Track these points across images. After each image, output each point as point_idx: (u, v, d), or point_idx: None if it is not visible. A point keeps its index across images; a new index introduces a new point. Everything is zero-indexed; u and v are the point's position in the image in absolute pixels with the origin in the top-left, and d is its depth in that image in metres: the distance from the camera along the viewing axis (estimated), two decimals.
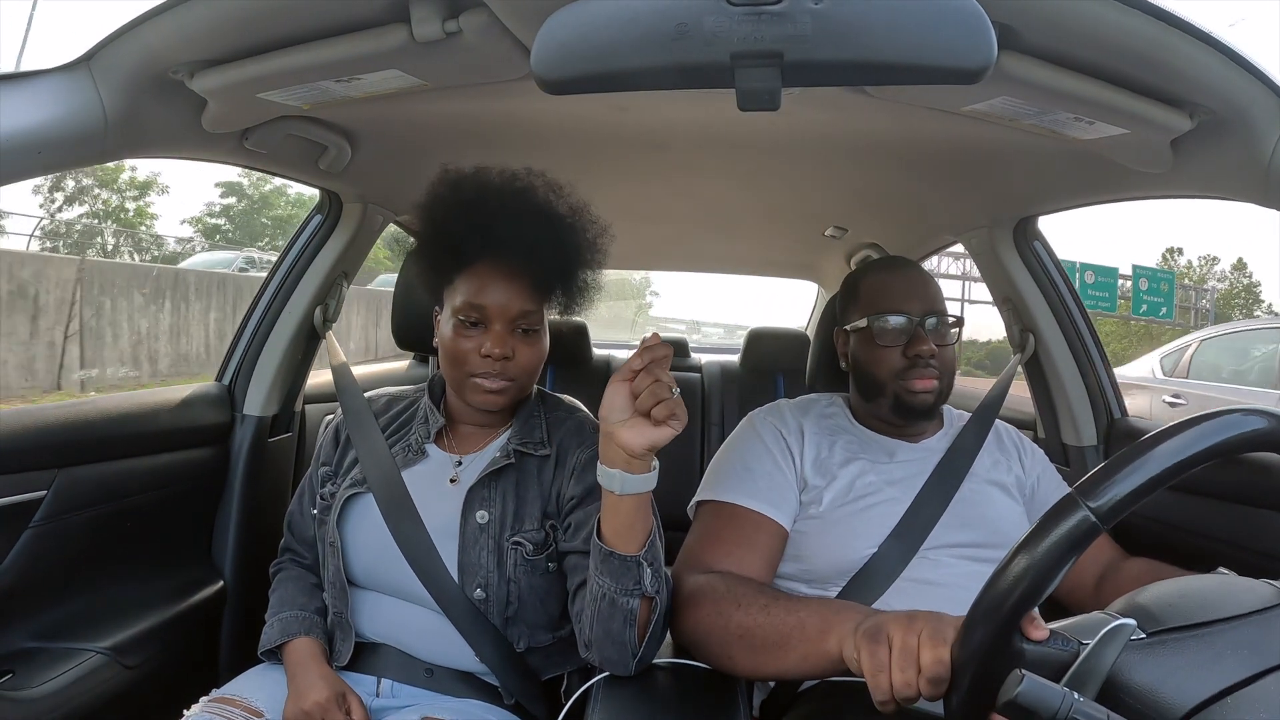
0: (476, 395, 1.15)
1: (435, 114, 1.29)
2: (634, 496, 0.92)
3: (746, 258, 2.96)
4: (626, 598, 0.96)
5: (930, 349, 1.24)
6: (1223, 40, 0.81)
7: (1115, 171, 1.17)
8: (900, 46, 0.63)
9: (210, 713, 1.06)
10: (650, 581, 0.96)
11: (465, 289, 1.14)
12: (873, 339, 1.27)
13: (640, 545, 0.95)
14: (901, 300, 1.27)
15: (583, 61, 0.65)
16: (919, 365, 1.24)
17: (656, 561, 0.98)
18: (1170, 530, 1.40)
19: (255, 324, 1.72)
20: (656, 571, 0.97)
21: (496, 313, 1.12)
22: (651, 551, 0.96)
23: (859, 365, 1.31)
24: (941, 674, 0.72)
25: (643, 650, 1.00)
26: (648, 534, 0.95)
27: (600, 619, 0.99)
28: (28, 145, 0.87)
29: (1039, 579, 0.63)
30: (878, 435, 1.31)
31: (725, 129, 1.36)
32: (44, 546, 1.25)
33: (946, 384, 1.27)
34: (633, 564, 0.95)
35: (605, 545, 0.96)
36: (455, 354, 1.14)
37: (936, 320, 1.27)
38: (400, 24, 0.88)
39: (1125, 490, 0.63)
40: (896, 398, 1.25)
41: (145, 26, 0.89)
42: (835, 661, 0.87)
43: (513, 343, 1.13)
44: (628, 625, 0.97)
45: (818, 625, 0.91)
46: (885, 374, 1.26)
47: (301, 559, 1.31)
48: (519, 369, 1.15)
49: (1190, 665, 0.61)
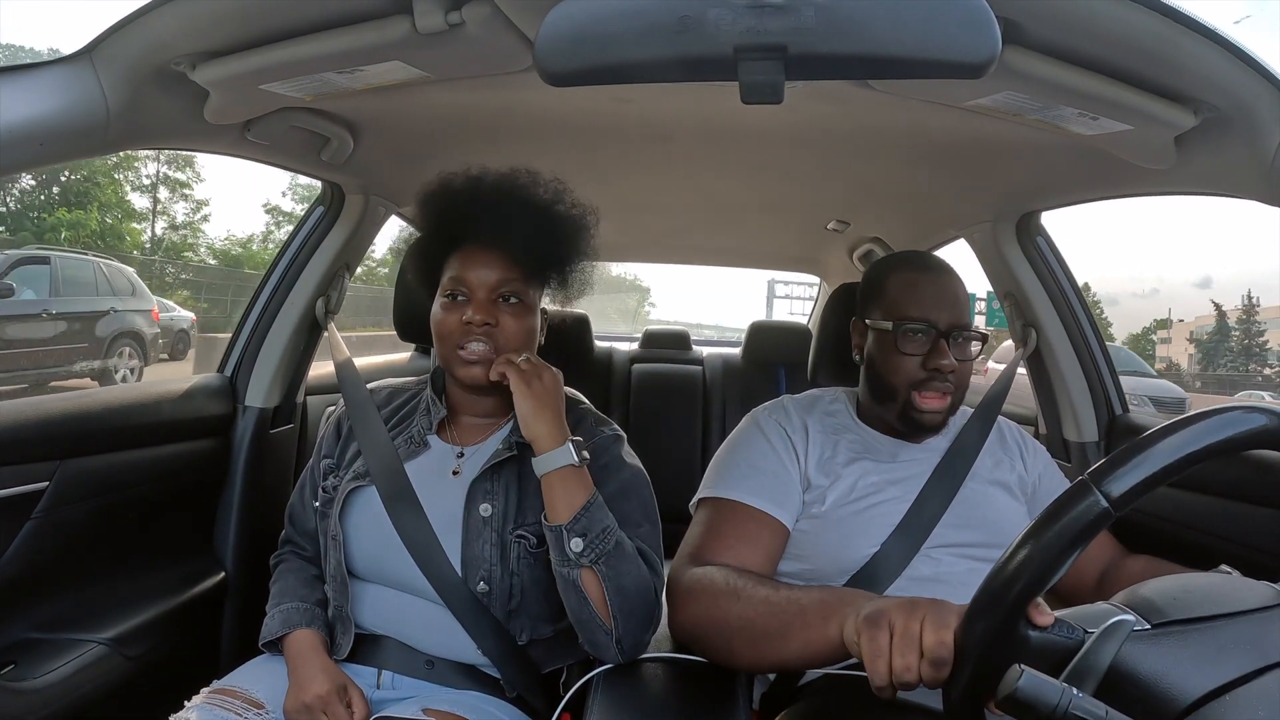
0: (461, 368, 1.15)
1: (438, 106, 1.29)
2: (555, 471, 1.06)
3: (749, 251, 2.96)
4: (566, 569, 1.04)
5: (951, 364, 1.20)
6: (1228, 37, 0.81)
7: (1119, 167, 1.17)
8: (904, 40, 0.63)
9: (211, 704, 1.07)
10: (577, 549, 1.03)
11: (451, 269, 1.17)
12: (894, 345, 1.23)
13: (566, 518, 1.04)
14: (930, 308, 1.22)
15: (586, 54, 0.65)
16: (936, 379, 1.21)
17: (591, 533, 1.04)
18: (1171, 528, 1.40)
19: (257, 315, 1.72)
20: (591, 543, 1.04)
21: (477, 283, 1.15)
22: (583, 524, 1.04)
23: (874, 366, 1.28)
24: (944, 656, 0.72)
25: (619, 631, 1.03)
26: (574, 509, 1.04)
27: (562, 595, 1.07)
28: (30, 137, 0.87)
29: (1047, 564, 0.63)
30: (881, 435, 1.30)
31: (728, 122, 1.36)
32: (45, 538, 1.26)
33: (958, 399, 1.25)
34: (558, 532, 1.04)
35: (543, 520, 1.07)
36: (441, 329, 1.16)
37: (961, 335, 1.23)
38: (403, 15, 0.88)
39: (1138, 478, 0.63)
40: (907, 406, 1.23)
41: (147, 18, 0.88)
42: (837, 647, 0.87)
43: (495, 312, 1.15)
44: (582, 601, 1.04)
45: (819, 611, 0.91)
46: (900, 382, 1.23)
47: (302, 551, 1.31)
48: (505, 338, 1.15)
49: (1194, 658, 0.61)
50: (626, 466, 1.18)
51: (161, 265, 22.08)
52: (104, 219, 22.97)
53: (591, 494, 1.07)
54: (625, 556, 1.06)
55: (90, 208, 22.48)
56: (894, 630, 0.77)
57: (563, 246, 1.20)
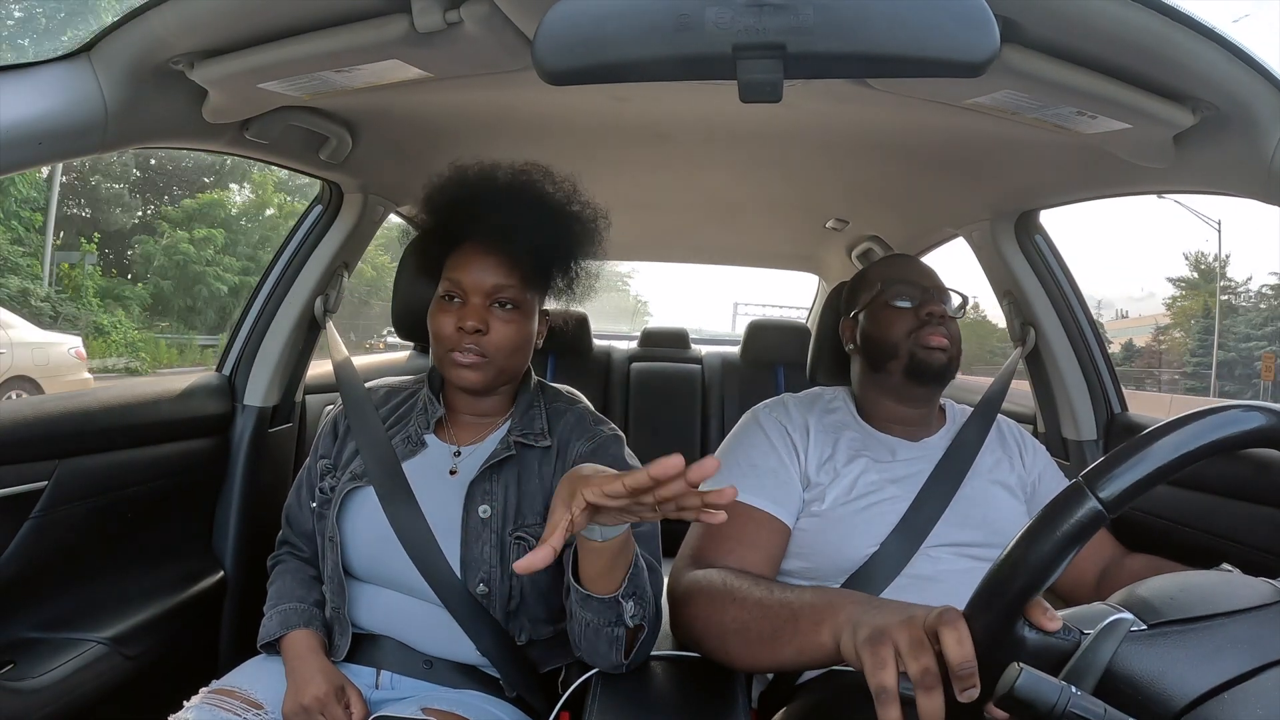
0: (453, 371, 1.15)
1: (436, 105, 1.29)
2: (616, 539, 0.89)
3: (747, 249, 2.96)
4: (611, 628, 0.96)
5: (942, 310, 1.27)
6: (1226, 36, 0.81)
7: (1117, 166, 1.17)
8: (903, 39, 0.63)
9: (210, 704, 1.07)
10: (633, 613, 0.95)
11: (450, 268, 1.16)
12: (886, 304, 1.30)
13: (619, 584, 0.93)
14: (912, 275, 1.32)
15: (584, 52, 0.65)
16: (932, 323, 1.26)
17: (640, 590, 0.96)
18: (1170, 527, 1.40)
19: (256, 314, 1.72)
20: (640, 599, 0.96)
21: (472, 287, 1.14)
22: (634, 584, 0.94)
23: (870, 337, 1.32)
24: (970, 668, 0.66)
25: (633, 658, 1.01)
26: (627, 569, 0.93)
27: (585, 638, 0.99)
28: (29, 136, 0.87)
29: (1043, 567, 0.63)
30: (880, 433, 1.30)
31: (727, 120, 1.36)
32: (44, 537, 1.26)
33: (956, 351, 1.28)
34: (612, 603, 0.94)
35: (583, 589, 0.94)
36: (435, 331, 1.16)
37: (943, 297, 1.31)
38: (401, 14, 0.88)
39: (1132, 480, 0.63)
40: (911, 357, 1.25)
41: (146, 17, 0.88)
42: (831, 654, 0.85)
43: (487, 317, 1.14)
44: (614, 648, 0.98)
45: (810, 616, 0.89)
46: (899, 334, 1.27)
47: (300, 552, 1.30)
48: (494, 346, 1.14)
49: (1191, 658, 0.61)
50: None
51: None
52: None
53: (635, 548, 0.96)
54: (652, 597, 1.00)
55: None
56: (899, 646, 0.72)
57: (571, 249, 1.19)
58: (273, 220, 24.06)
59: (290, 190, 24.61)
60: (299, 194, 23.86)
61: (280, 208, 24.36)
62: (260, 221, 24.22)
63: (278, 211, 24.31)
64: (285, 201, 24.44)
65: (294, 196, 24.13)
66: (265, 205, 24.68)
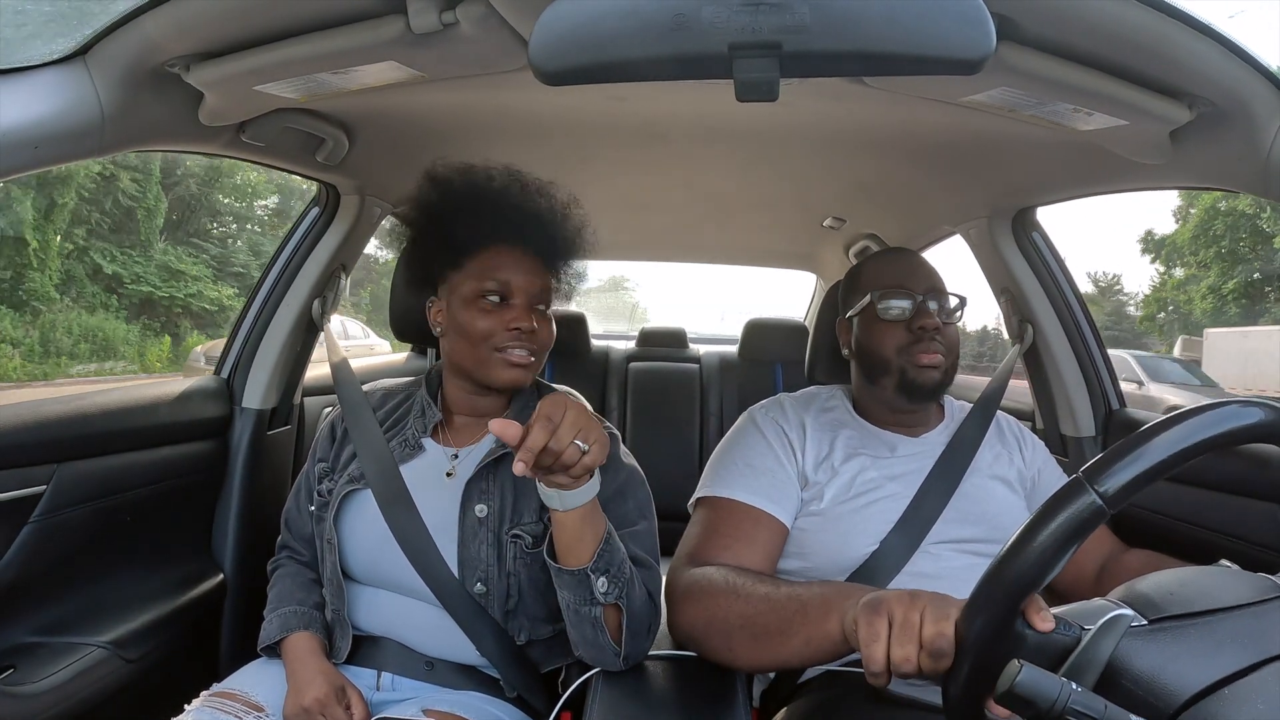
0: (504, 371, 1.15)
1: (432, 106, 1.28)
2: (578, 509, 0.94)
3: (745, 248, 2.96)
4: (587, 607, 0.99)
5: (935, 323, 1.24)
6: (1222, 32, 0.81)
7: (1114, 162, 1.17)
8: (899, 37, 0.63)
9: (211, 707, 1.07)
10: (605, 589, 0.98)
11: (480, 270, 1.16)
12: (877, 317, 1.27)
13: (589, 557, 0.97)
14: (905, 278, 1.28)
15: (580, 52, 0.65)
16: (924, 339, 1.24)
17: (613, 567, 0.99)
18: (1169, 522, 1.41)
19: (254, 317, 1.71)
20: (614, 577, 0.99)
21: (520, 287, 1.15)
22: (605, 559, 0.98)
23: (863, 348, 1.31)
24: (944, 648, 0.71)
25: (626, 649, 1.02)
26: (597, 543, 0.98)
27: (572, 625, 1.03)
28: (24, 140, 0.86)
29: (1044, 562, 0.64)
30: (879, 429, 1.30)
31: (723, 119, 1.36)
32: (44, 541, 1.25)
33: (951, 362, 1.27)
34: (582, 576, 0.98)
35: (554, 562, 0.99)
36: (478, 332, 1.14)
37: (939, 299, 1.27)
38: (397, 15, 0.87)
39: (1132, 475, 0.63)
40: (903, 374, 1.25)
41: (141, 20, 0.88)
42: (838, 642, 0.87)
43: (534, 318, 1.16)
44: (598, 630, 1.01)
45: (820, 606, 0.90)
46: (890, 350, 1.25)
47: (299, 555, 1.30)
48: (541, 346, 1.18)
49: (1191, 653, 0.61)
50: (624, 467, 1.18)
51: None
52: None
53: (608, 524, 1.01)
54: (635, 580, 1.04)
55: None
56: (893, 619, 0.77)
57: (573, 252, 1.23)
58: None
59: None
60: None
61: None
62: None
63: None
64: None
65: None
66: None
